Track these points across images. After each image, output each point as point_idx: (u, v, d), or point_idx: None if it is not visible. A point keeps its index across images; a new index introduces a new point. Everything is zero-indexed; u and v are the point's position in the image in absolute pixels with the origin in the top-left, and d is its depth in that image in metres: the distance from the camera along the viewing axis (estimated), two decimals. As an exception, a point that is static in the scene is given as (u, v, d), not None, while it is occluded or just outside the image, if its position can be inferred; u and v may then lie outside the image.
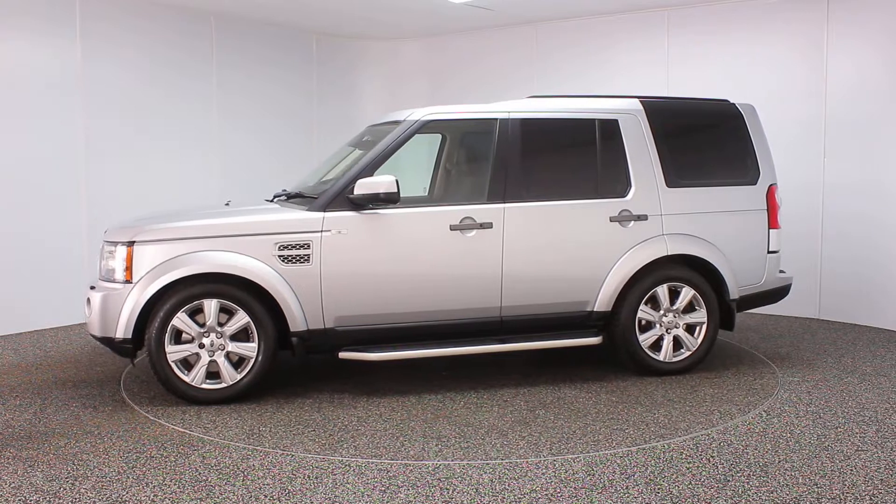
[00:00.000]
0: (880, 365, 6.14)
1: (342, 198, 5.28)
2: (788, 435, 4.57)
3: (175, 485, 3.90)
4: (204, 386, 5.15)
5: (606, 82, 8.67)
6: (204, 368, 5.14)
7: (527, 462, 4.19)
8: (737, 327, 6.92)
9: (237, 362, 5.20)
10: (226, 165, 9.02)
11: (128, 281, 5.08)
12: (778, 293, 6.27)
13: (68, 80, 7.67)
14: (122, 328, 5.05)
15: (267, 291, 5.15)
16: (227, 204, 6.17)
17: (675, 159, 5.89)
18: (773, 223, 6.07)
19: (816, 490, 3.80)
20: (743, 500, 3.69)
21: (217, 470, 4.09)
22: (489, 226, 5.45)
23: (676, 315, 5.82)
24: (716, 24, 8.21)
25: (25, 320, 7.49)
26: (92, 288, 5.29)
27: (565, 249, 5.63)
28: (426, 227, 5.44)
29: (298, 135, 9.80)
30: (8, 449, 4.40)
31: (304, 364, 6.17)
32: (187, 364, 5.15)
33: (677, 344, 5.85)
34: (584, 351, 6.17)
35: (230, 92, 9.04)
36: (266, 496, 3.77)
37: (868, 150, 7.43)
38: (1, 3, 7.20)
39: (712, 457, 4.24)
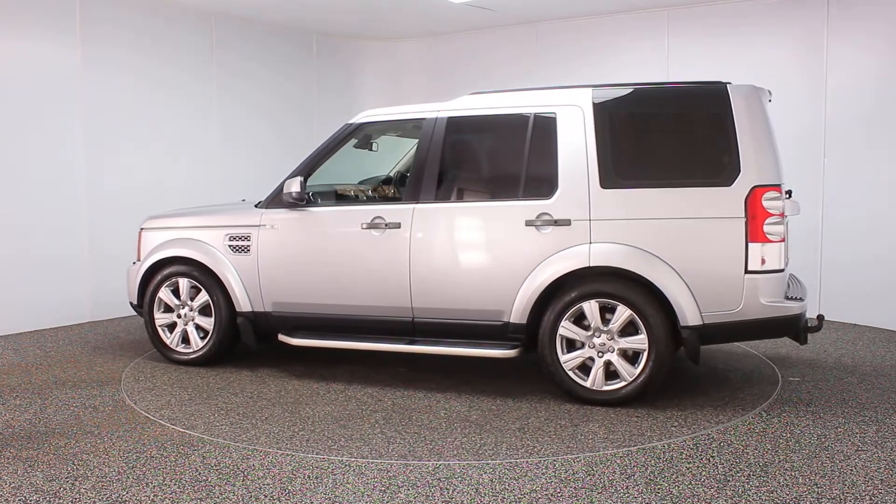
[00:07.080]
0: (880, 365, 6.13)
1: (279, 197, 5.82)
2: (788, 435, 4.57)
3: (175, 485, 3.90)
4: (178, 349, 6.21)
5: (605, 82, 8.66)
6: (178, 335, 6.20)
7: (527, 462, 4.19)
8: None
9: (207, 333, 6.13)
10: (226, 165, 9.02)
11: (138, 260, 6.39)
12: (770, 326, 4.93)
13: (68, 79, 7.67)
14: (135, 296, 6.36)
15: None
16: (242, 200, 6.93)
17: (619, 156, 5.05)
18: (753, 235, 4.78)
19: (816, 490, 3.80)
20: (743, 500, 3.69)
21: (217, 470, 4.09)
22: (396, 226, 5.45)
23: (612, 337, 5.05)
24: (716, 24, 8.21)
25: (25, 320, 7.49)
26: (134, 263, 6.47)
27: (475, 254, 5.35)
28: (341, 225, 5.72)
29: (300, 134, 9.79)
30: (8, 449, 4.40)
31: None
32: (173, 329, 6.24)
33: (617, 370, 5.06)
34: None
35: (230, 91, 9.04)
36: (266, 496, 3.77)
37: (868, 150, 7.43)
38: (1, 3, 7.21)
39: (712, 457, 4.24)
